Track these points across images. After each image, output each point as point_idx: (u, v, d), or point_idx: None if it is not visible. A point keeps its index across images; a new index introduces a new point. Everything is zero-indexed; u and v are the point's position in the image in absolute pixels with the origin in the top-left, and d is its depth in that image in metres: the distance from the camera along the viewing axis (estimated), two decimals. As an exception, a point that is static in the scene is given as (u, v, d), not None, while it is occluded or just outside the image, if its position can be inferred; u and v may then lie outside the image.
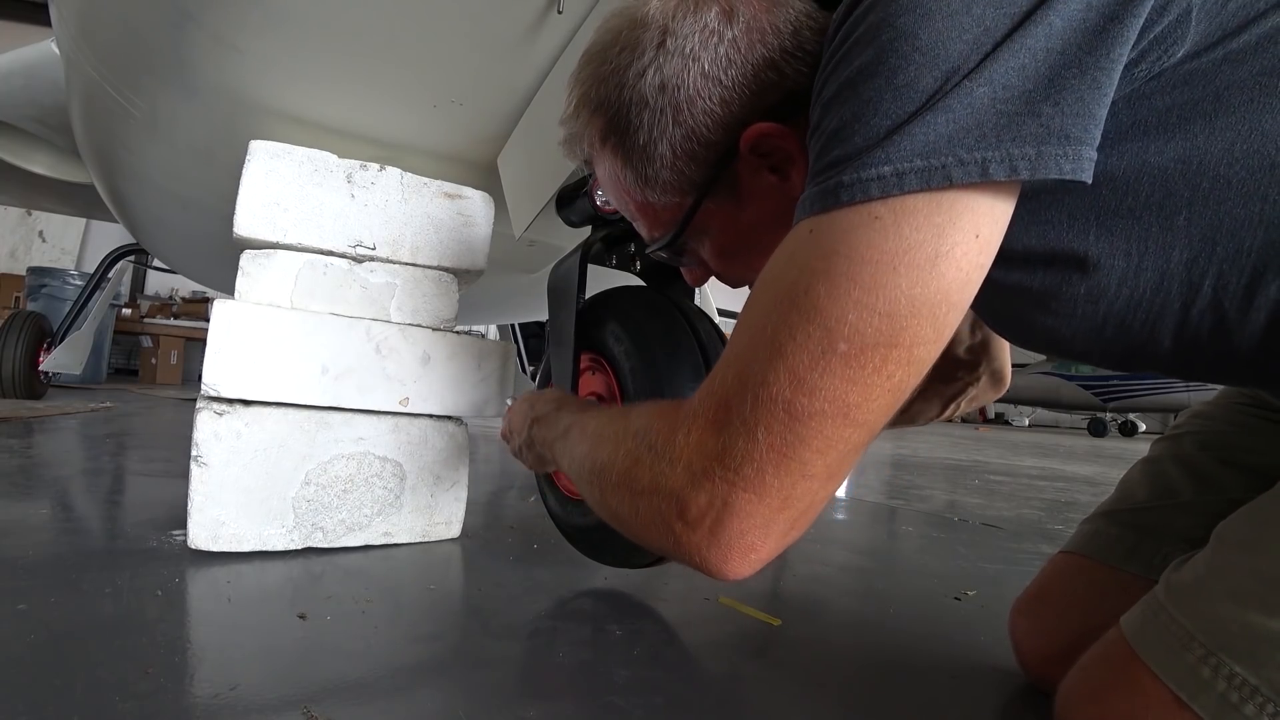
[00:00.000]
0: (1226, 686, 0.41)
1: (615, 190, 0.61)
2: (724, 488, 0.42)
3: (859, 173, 0.39)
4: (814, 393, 0.40)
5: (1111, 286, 0.45)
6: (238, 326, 0.93)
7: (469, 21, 0.89)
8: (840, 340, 0.39)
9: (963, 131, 0.37)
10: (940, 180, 0.38)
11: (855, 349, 0.39)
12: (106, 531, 1.06)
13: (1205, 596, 0.45)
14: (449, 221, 1.11)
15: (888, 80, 0.39)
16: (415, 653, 0.68)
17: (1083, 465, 4.07)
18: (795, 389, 0.40)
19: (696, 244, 0.61)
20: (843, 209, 0.40)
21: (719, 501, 0.42)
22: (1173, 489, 0.68)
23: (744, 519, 0.42)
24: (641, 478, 0.47)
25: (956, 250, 0.39)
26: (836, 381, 0.39)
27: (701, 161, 0.54)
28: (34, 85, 2.13)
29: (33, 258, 6.57)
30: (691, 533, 0.43)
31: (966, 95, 0.37)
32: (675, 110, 0.52)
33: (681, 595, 0.92)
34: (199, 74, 1.00)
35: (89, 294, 3.27)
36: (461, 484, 1.14)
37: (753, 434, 0.41)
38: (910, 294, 0.38)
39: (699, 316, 0.91)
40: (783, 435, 0.40)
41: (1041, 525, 1.72)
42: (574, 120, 0.59)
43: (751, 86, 0.51)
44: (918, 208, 0.38)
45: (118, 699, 0.53)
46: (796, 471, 0.41)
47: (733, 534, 0.42)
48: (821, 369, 0.39)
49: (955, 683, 0.70)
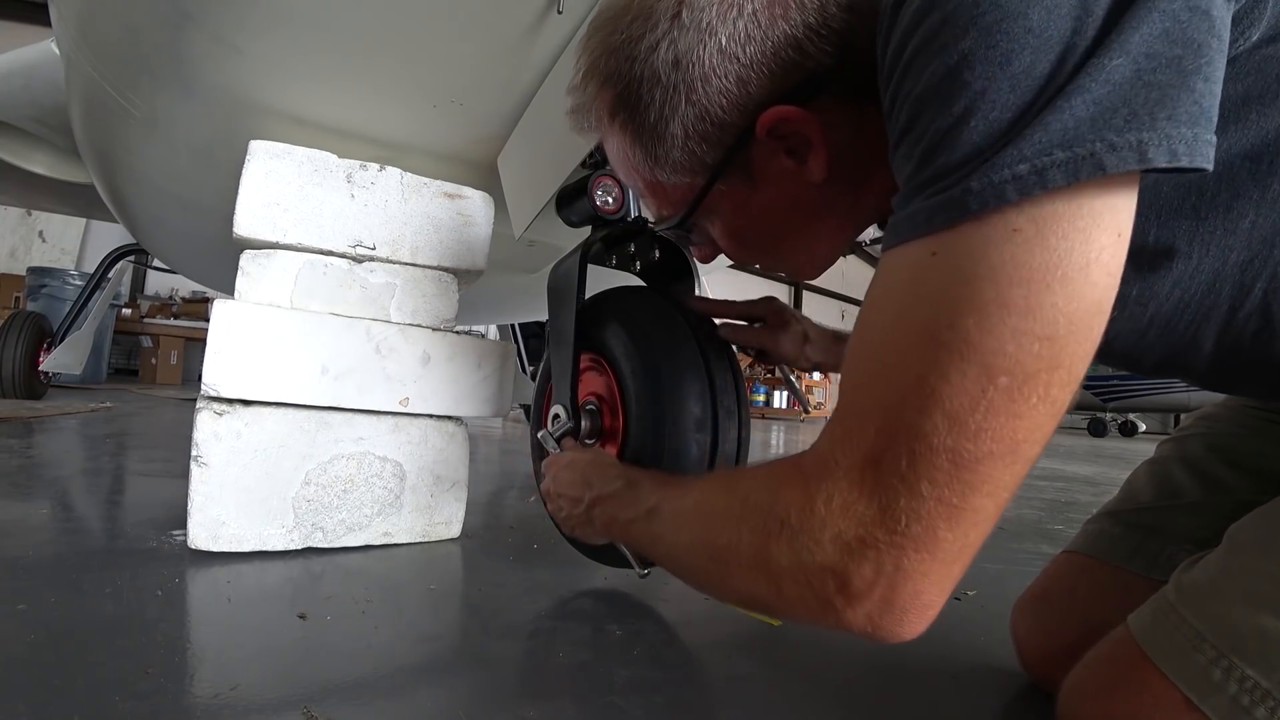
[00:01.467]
0: (1238, 689, 0.41)
1: (623, 167, 0.58)
2: (892, 553, 0.37)
3: (989, 175, 0.34)
4: (979, 435, 0.35)
5: (1164, 289, 0.43)
6: (238, 326, 0.93)
7: (469, 21, 0.89)
8: (1000, 375, 0.35)
9: (1108, 112, 0.33)
10: (1090, 170, 0.33)
11: (1017, 381, 0.35)
12: (106, 531, 1.06)
13: (1217, 598, 0.45)
14: (449, 221, 1.11)
15: (1001, 67, 0.34)
16: (415, 653, 0.68)
17: (1083, 465, 4.07)
18: (958, 435, 0.36)
19: (707, 224, 0.59)
20: (970, 223, 0.35)
21: (889, 568, 0.38)
22: (1178, 490, 0.68)
23: (919, 580, 0.38)
24: (780, 556, 0.42)
25: (1105, 254, 0.35)
26: (1002, 419, 0.35)
27: (715, 143, 0.51)
28: (34, 85, 2.13)
29: (33, 258, 6.57)
30: (859, 604, 0.39)
31: (1100, 71, 0.33)
32: (689, 88, 0.49)
33: (681, 595, 0.92)
34: (199, 74, 1.00)
35: (89, 294, 3.27)
36: (461, 484, 1.14)
37: (915, 490, 0.37)
38: (1067, 311, 0.34)
39: (699, 317, 0.91)
40: (950, 486, 0.36)
41: (1041, 525, 1.72)
42: (581, 91, 0.56)
43: (771, 65, 0.48)
44: (1058, 213, 0.34)
45: (118, 699, 0.53)
46: (969, 521, 0.37)
47: (908, 597, 0.38)
48: (984, 409, 0.35)
49: (955, 683, 0.70)
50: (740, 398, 0.88)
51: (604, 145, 0.59)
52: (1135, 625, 0.49)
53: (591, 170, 0.99)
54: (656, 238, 1.04)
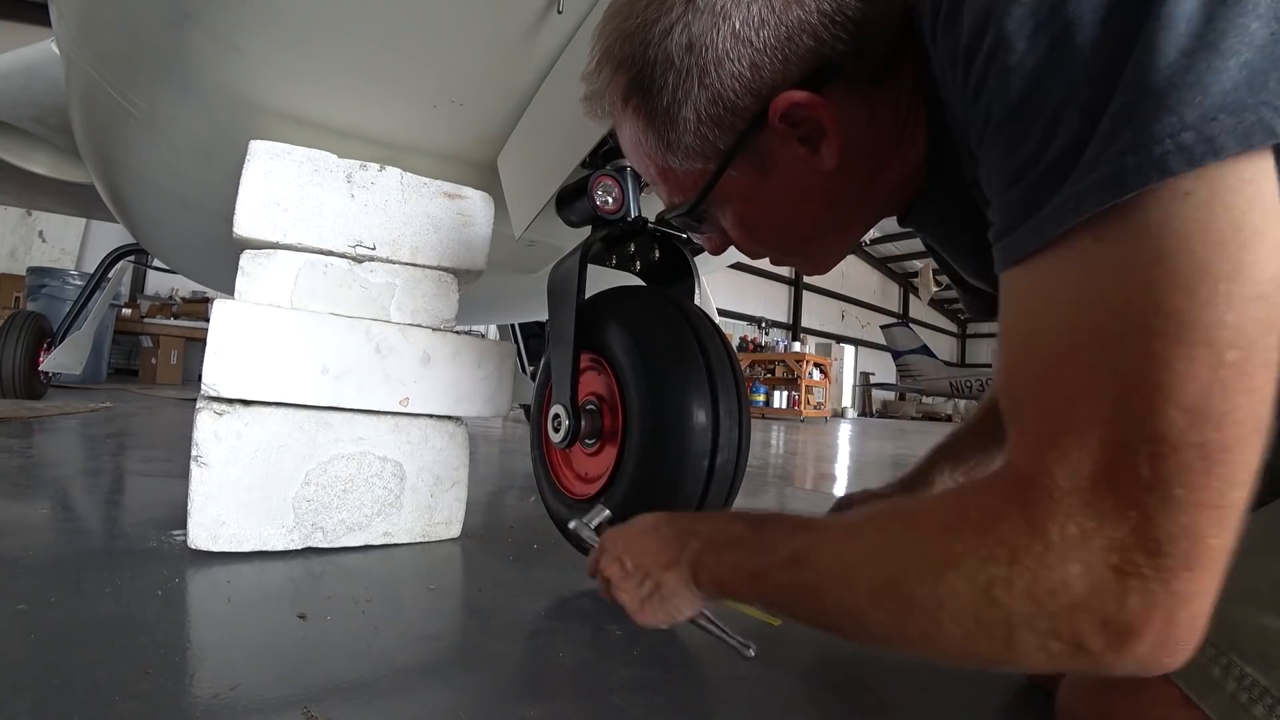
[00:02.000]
0: (1236, 687, 0.41)
1: (635, 153, 0.58)
2: (1162, 577, 0.33)
3: (1149, 148, 0.31)
4: (1223, 420, 0.32)
5: None
6: (238, 326, 0.93)
7: (469, 21, 0.89)
8: (1228, 349, 0.32)
9: (1261, 75, 0.31)
10: (1263, 136, 0.31)
11: (1245, 352, 0.32)
12: (106, 531, 1.06)
13: (1219, 597, 0.45)
14: (449, 221, 1.11)
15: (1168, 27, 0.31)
16: (415, 653, 0.68)
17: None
18: (1201, 426, 0.32)
19: (717, 212, 0.59)
20: (1133, 199, 0.32)
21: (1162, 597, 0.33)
22: None
23: (1197, 599, 0.34)
24: (1011, 603, 0.35)
25: (1272, 218, 0.33)
26: (1240, 397, 0.32)
27: (727, 128, 0.51)
28: (34, 85, 2.13)
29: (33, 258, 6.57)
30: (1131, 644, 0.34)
31: (1244, 32, 0.31)
32: (702, 72, 0.49)
33: (681, 595, 0.92)
34: (198, 74, 1.00)
35: (89, 294, 3.27)
36: (461, 484, 1.14)
37: (1169, 499, 0.33)
38: (1268, 266, 0.32)
39: (699, 316, 0.91)
40: (1206, 484, 0.33)
41: (1041, 525, 1.71)
42: (595, 77, 0.56)
43: (784, 50, 0.47)
44: (1226, 175, 0.32)
45: (118, 699, 0.53)
46: (1233, 516, 0.34)
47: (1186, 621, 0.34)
48: (1221, 390, 0.32)
49: (955, 683, 0.70)
50: (741, 397, 0.88)
51: (617, 132, 0.59)
52: None
53: (591, 170, 0.99)
54: (657, 237, 1.04)
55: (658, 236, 1.04)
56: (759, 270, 14.12)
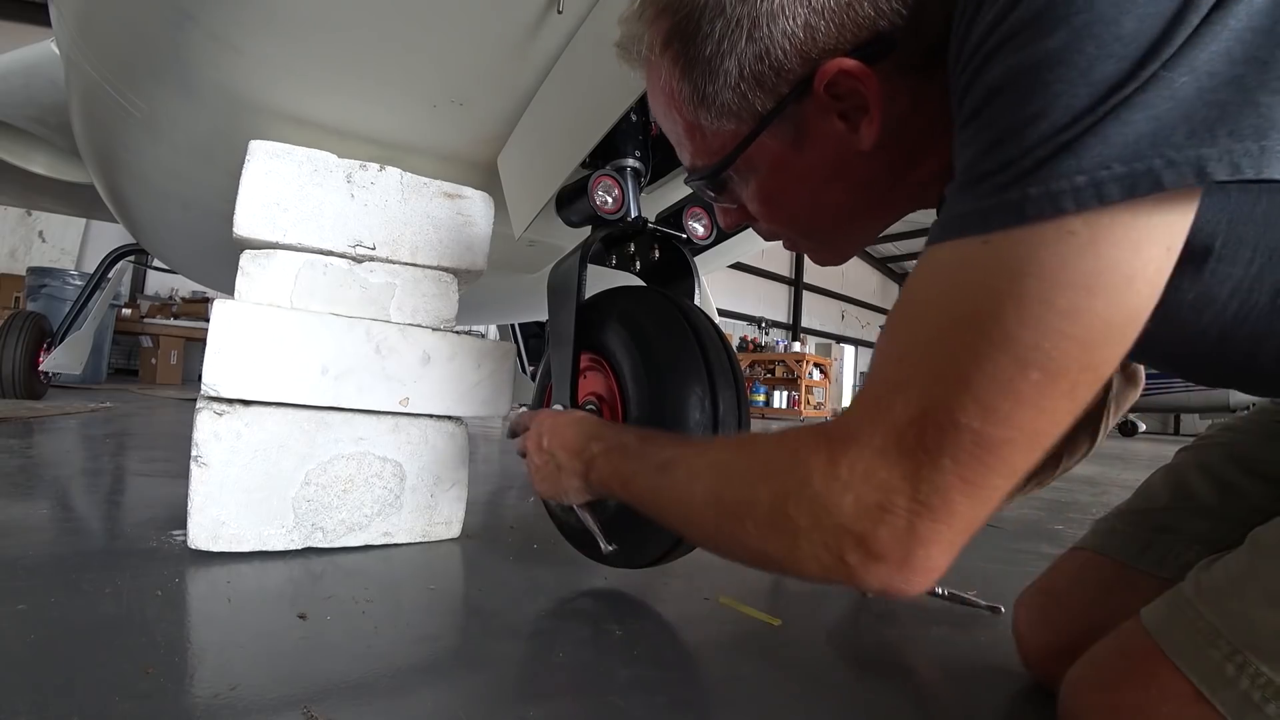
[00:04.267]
0: (1250, 685, 0.42)
1: (665, 105, 0.55)
2: (909, 519, 0.40)
3: (1048, 184, 0.35)
4: (1004, 422, 0.37)
5: (1222, 296, 0.43)
6: (238, 326, 0.93)
7: (469, 21, 0.89)
8: (1033, 369, 0.36)
9: (1168, 129, 0.33)
10: (1148, 186, 0.34)
11: (1048, 377, 0.37)
12: (106, 531, 1.06)
13: (1237, 597, 0.45)
14: (449, 221, 1.11)
15: (1083, 74, 0.34)
16: (415, 653, 0.68)
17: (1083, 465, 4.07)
18: (985, 419, 0.38)
19: (740, 181, 0.56)
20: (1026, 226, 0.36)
21: (906, 534, 0.40)
22: (1193, 494, 0.68)
23: (932, 545, 0.40)
24: (797, 515, 0.44)
25: (1150, 267, 0.36)
26: (1027, 410, 0.37)
27: (769, 89, 0.49)
28: (34, 85, 2.13)
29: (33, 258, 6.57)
30: (875, 565, 0.41)
31: (1166, 86, 0.33)
32: (752, 24, 0.47)
33: (681, 595, 0.92)
34: (199, 74, 1.00)
35: (89, 294, 3.27)
36: (461, 484, 1.14)
37: (937, 464, 0.39)
38: (1106, 317, 0.36)
39: (699, 316, 0.91)
40: (970, 465, 0.38)
41: (1042, 525, 1.72)
42: (636, 20, 0.53)
43: (842, 16, 0.45)
44: (1115, 220, 0.35)
45: (118, 699, 0.53)
46: (984, 498, 0.39)
47: (920, 560, 0.41)
48: (1013, 399, 0.37)
49: (955, 683, 0.70)
50: (740, 397, 0.88)
51: (648, 81, 0.56)
52: (1148, 619, 0.49)
53: (591, 170, 0.99)
54: (656, 237, 1.04)
55: (658, 236, 1.04)
56: (759, 270, 14.11)
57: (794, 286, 15.94)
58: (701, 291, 1.02)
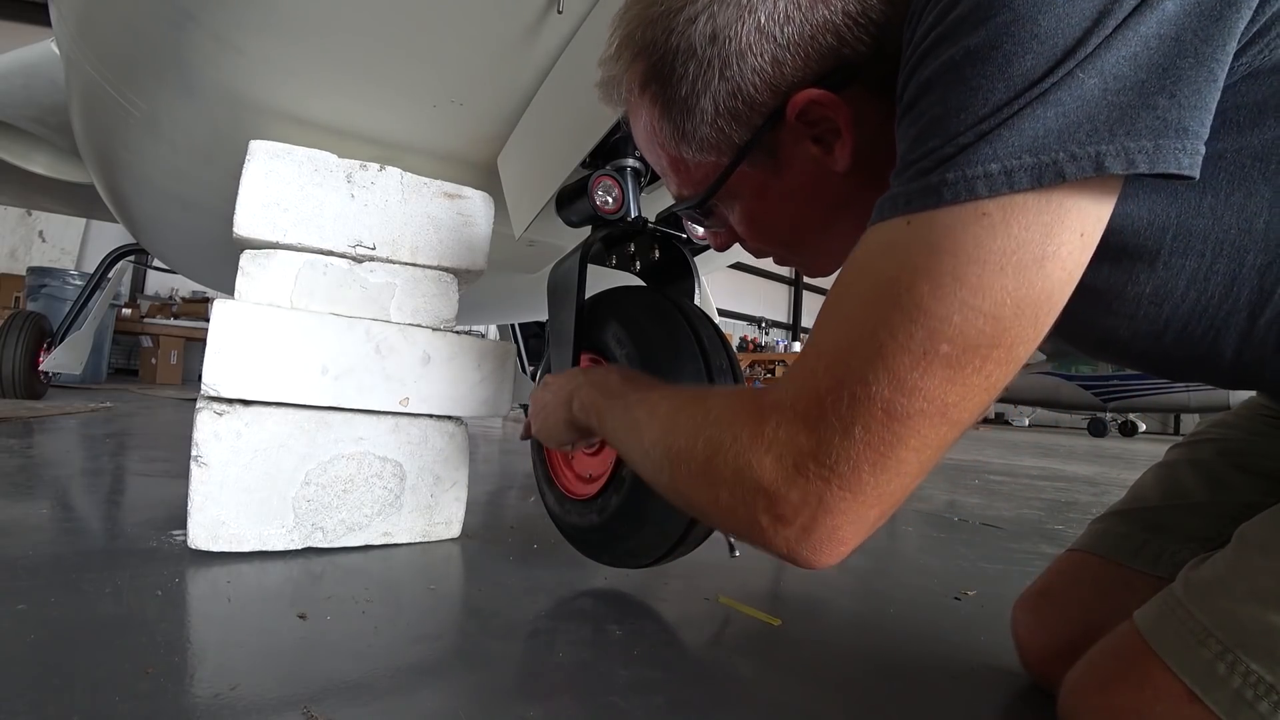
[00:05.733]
0: (1242, 683, 0.42)
1: (649, 142, 0.58)
2: (818, 485, 0.41)
3: (964, 170, 0.37)
4: (914, 393, 0.39)
5: (1179, 288, 0.44)
6: (238, 326, 0.93)
7: (469, 21, 0.89)
8: (943, 341, 0.38)
9: (1073, 125, 0.36)
10: (1052, 178, 0.36)
11: (958, 350, 0.38)
12: (106, 531, 1.06)
13: (1225, 595, 0.45)
14: (449, 221, 1.11)
15: (1000, 69, 0.37)
16: (415, 653, 0.68)
17: (1083, 465, 4.07)
18: (895, 389, 0.39)
19: (726, 207, 0.59)
20: (945, 207, 0.38)
21: (813, 499, 0.42)
22: (1185, 491, 0.68)
23: (838, 515, 0.42)
24: (723, 468, 0.46)
25: (1062, 250, 0.38)
26: (937, 382, 0.39)
27: (744, 122, 0.51)
28: (34, 85, 2.13)
29: (33, 258, 6.58)
30: (782, 527, 0.43)
31: (1076, 86, 0.36)
32: (723, 63, 0.49)
33: (681, 595, 0.92)
34: (199, 74, 1.00)
35: (89, 294, 3.27)
36: (461, 484, 1.14)
37: (849, 432, 0.40)
38: (1016, 295, 0.37)
39: (699, 316, 0.91)
40: (880, 435, 0.40)
41: (1041, 525, 1.72)
42: (614, 63, 0.56)
43: (807, 49, 0.48)
44: (1027, 205, 0.37)
45: (118, 699, 0.53)
46: (892, 470, 0.40)
47: (826, 530, 0.42)
48: (923, 370, 0.39)
49: (955, 683, 0.70)
50: (740, 398, 0.88)
51: (630, 120, 0.59)
52: (1140, 620, 0.50)
53: (591, 170, 0.99)
54: (657, 237, 1.04)
55: (658, 236, 1.04)
56: (759, 270, 14.11)
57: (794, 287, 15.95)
58: (701, 291, 1.02)
